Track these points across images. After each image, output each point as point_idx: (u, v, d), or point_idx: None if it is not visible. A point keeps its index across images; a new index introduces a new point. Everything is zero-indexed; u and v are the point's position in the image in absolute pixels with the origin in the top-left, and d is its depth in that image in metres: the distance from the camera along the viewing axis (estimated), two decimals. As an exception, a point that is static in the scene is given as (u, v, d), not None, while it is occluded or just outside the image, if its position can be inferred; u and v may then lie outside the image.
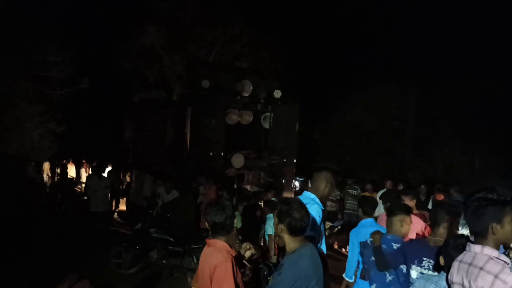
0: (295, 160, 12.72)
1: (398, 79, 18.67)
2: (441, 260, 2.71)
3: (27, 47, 12.73)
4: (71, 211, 11.03)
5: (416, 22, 23.58)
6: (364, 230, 4.27)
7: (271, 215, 6.10)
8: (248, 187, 10.95)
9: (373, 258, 3.66)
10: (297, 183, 14.16)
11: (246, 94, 11.87)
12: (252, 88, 11.81)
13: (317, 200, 3.47)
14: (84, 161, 17.85)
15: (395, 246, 3.57)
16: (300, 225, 2.70)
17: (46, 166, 14.31)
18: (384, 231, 3.81)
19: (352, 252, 4.41)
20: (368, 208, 4.57)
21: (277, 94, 12.27)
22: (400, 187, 9.79)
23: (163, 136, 13.66)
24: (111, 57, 18.94)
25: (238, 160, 12.16)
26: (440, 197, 8.84)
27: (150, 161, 13.19)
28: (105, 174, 10.85)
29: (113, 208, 11.75)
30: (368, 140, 19.23)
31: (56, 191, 11.77)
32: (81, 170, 16.86)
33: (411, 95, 18.93)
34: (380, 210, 5.51)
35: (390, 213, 3.80)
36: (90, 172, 14.03)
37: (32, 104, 13.76)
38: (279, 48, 18.86)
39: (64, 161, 16.61)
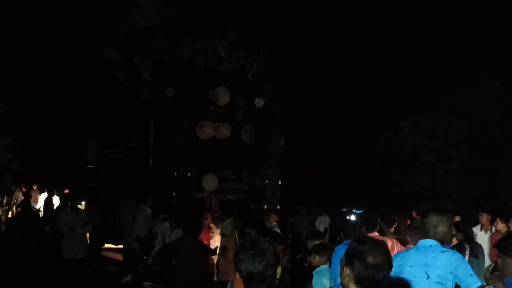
0: (280, 182, 14.11)
1: (498, 69, 18.31)
2: None
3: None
4: (36, 257, 11.07)
5: None
6: None
7: (322, 268, 5.77)
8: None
9: None
10: (352, 217, 14.23)
11: (222, 104, 12.82)
12: (229, 96, 12.79)
13: None
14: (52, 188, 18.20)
15: None
16: (371, 275, 2.74)
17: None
18: None
19: None
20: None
21: (259, 103, 13.35)
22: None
23: (128, 155, 15.02)
24: (90, 43, 19.42)
25: (210, 182, 12.97)
26: None
27: (115, 186, 14.30)
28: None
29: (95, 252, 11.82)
30: (456, 154, 18.80)
31: (14, 229, 11.79)
32: (51, 199, 17.09)
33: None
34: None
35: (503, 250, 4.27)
36: (58, 203, 14.29)
37: None
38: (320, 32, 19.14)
39: (26, 186, 16.87)
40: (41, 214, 15.52)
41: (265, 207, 13.22)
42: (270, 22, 18.82)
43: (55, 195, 17.54)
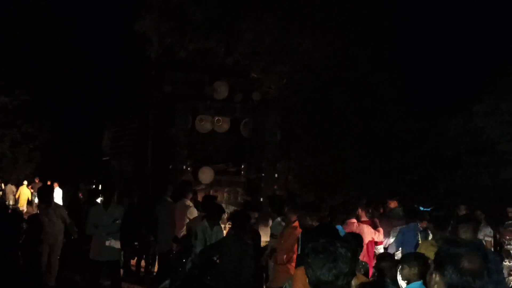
0: (276, 175, 16.27)
1: None
2: None
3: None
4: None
5: None
6: None
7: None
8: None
9: None
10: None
11: (220, 98, 15.02)
12: (227, 90, 15.08)
13: None
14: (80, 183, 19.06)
15: None
16: (466, 283, 2.70)
17: (10, 189, 15.04)
18: None
19: None
20: None
21: (256, 96, 15.63)
22: None
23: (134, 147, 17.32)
24: (117, 19, 19.76)
25: (206, 175, 14.91)
26: None
27: (123, 178, 16.21)
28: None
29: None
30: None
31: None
32: (76, 193, 17.63)
33: None
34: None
35: None
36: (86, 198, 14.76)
37: None
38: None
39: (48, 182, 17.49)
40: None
41: (261, 199, 15.05)
42: None
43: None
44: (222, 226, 9.35)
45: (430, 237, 7.69)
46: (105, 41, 24.99)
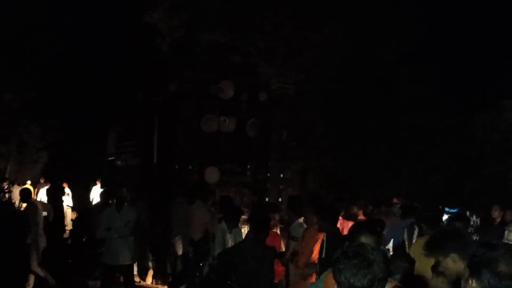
0: (281, 175, 16.99)
1: None
2: None
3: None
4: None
5: None
6: None
7: None
8: None
9: None
10: (445, 217, 14.11)
11: (226, 97, 15.82)
12: (233, 89, 15.87)
13: None
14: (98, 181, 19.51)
15: None
16: (506, 287, 2.67)
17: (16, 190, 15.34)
18: None
19: None
20: None
21: (262, 96, 16.29)
22: None
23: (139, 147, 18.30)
24: (125, 12, 19.89)
25: (212, 175, 15.65)
26: None
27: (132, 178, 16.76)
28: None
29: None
30: None
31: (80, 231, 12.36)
32: (87, 195, 17.90)
33: None
34: None
35: None
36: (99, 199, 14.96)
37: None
38: None
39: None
40: None
41: (266, 199, 16.02)
42: None
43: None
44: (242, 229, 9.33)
45: (416, 232, 8.72)
46: (112, 38, 25.19)
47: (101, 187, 17.91)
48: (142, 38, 19.85)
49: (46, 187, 21.48)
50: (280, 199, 15.67)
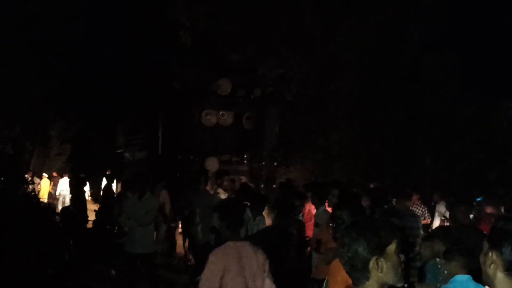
0: (275, 164, 19.26)
1: None
2: None
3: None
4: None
5: None
6: None
7: None
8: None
9: None
10: None
11: (224, 93, 18.03)
12: (231, 86, 17.94)
13: None
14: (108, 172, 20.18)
15: None
16: None
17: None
18: None
19: None
20: None
21: (258, 92, 18.69)
22: None
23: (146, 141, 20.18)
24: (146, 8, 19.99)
25: (211, 165, 17.50)
26: None
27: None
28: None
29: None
30: None
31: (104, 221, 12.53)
32: (110, 186, 18.12)
33: None
34: None
35: None
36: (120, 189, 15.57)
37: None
38: None
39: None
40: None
41: (262, 186, 18.23)
42: None
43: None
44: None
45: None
46: (127, 37, 25.21)
47: (109, 178, 18.62)
48: (163, 34, 20.05)
49: (61, 179, 22.16)
50: (274, 186, 17.32)
